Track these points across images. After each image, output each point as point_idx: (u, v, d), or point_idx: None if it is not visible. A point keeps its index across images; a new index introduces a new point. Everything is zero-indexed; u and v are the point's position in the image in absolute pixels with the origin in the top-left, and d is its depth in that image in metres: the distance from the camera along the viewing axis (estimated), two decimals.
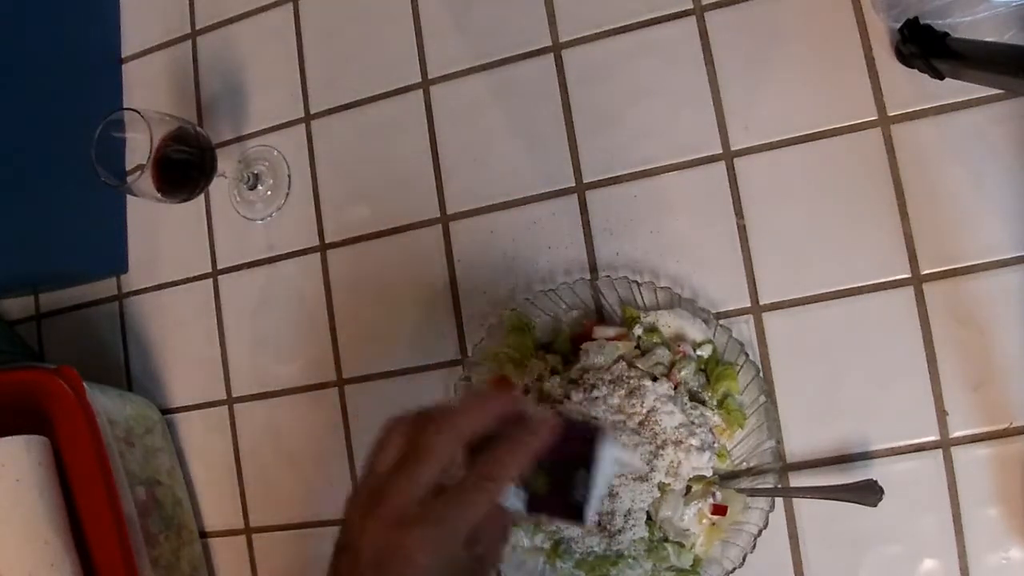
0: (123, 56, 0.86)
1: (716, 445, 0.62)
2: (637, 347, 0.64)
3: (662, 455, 0.59)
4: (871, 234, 0.62)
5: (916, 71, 0.61)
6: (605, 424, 0.59)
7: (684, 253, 0.66)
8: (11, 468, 0.62)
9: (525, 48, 0.72)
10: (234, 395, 0.78)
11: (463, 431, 0.41)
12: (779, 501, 0.61)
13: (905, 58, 0.61)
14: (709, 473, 0.61)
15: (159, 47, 0.85)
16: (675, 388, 0.62)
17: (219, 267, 0.80)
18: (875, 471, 0.60)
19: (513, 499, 0.43)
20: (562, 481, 0.43)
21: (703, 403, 0.62)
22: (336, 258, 0.76)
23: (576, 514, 0.43)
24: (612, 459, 0.44)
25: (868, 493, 0.58)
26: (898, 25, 0.59)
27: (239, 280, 0.79)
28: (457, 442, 0.41)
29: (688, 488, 0.61)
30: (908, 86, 0.62)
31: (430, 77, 0.75)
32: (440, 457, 0.40)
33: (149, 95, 0.84)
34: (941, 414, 0.60)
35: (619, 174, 0.69)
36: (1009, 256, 0.60)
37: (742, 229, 0.65)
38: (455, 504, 0.40)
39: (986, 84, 0.58)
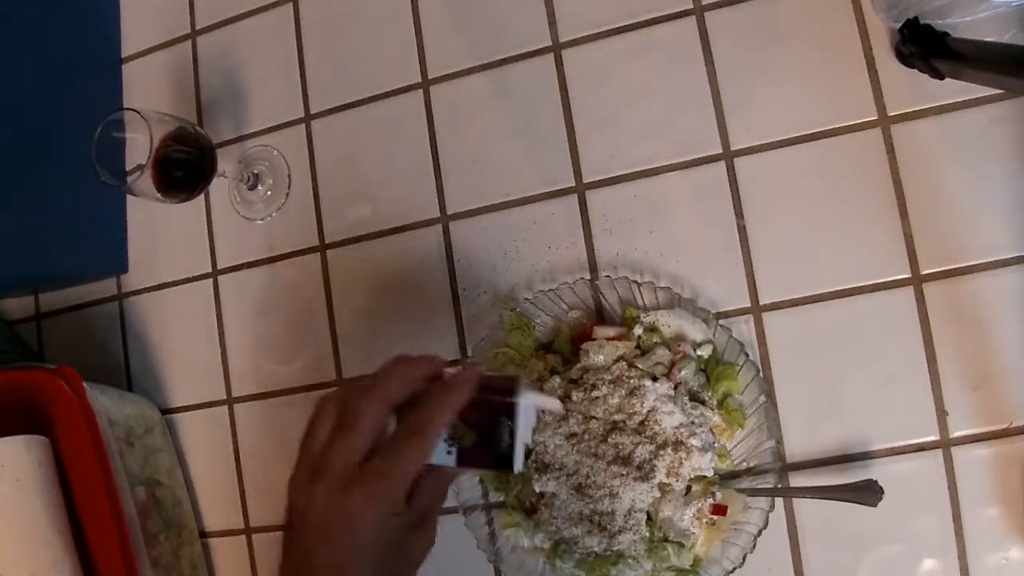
0: (123, 56, 0.86)
1: (716, 445, 0.62)
2: (637, 347, 0.64)
3: (662, 455, 0.59)
4: (871, 234, 0.62)
5: (916, 71, 0.61)
6: (520, 375, 0.60)
7: (684, 253, 0.66)
8: (11, 468, 0.62)
9: (525, 48, 0.72)
10: (234, 395, 0.78)
11: (389, 395, 0.43)
12: (779, 501, 0.61)
13: (905, 58, 0.61)
14: (710, 473, 0.61)
15: (159, 47, 0.85)
16: (675, 388, 0.62)
17: (219, 267, 0.80)
18: (875, 471, 0.60)
19: (444, 456, 0.46)
20: (487, 434, 0.45)
21: (703, 403, 0.62)
22: (336, 258, 0.76)
23: (504, 463, 0.46)
24: (531, 406, 0.46)
25: (868, 493, 0.58)
26: (898, 25, 0.59)
27: (239, 280, 0.79)
28: (384, 405, 0.43)
29: (688, 488, 0.61)
30: (908, 86, 0.62)
31: (430, 77, 0.75)
32: (370, 421, 0.42)
33: (149, 95, 0.84)
34: (941, 414, 0.60)
35: (619, 174, 0.69)
36: (1009, 256, 0.60)
37: (742, 229, 0.65)
38: (390, 461, 0.42)
39: (986, 84, 0.58)
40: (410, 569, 0.47)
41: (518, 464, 0.46)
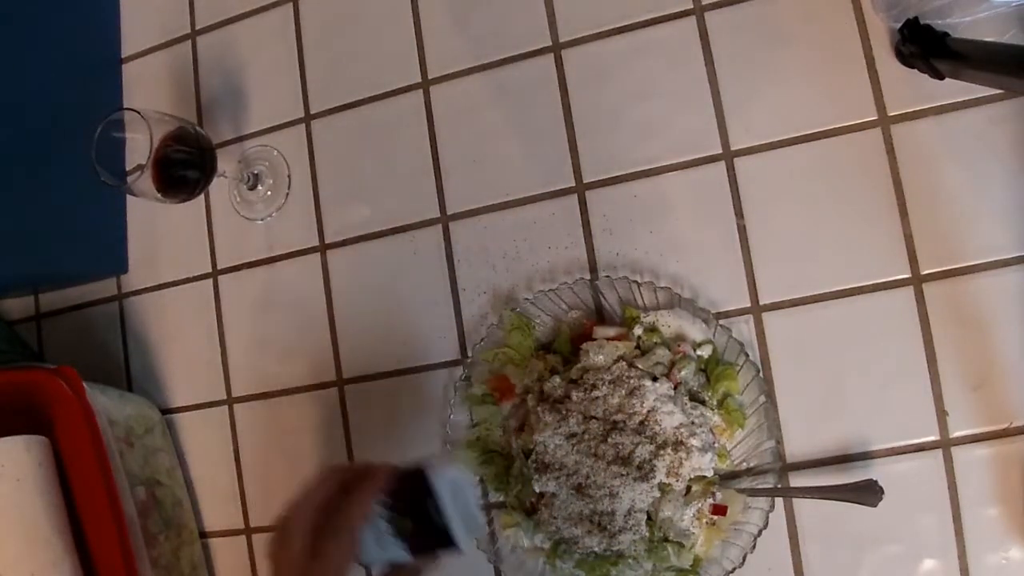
0: (123, 56, 0.86)
1: (716, 445, 0.62)
2: (637, 347, 0.64)
3: (662, 455, 0.59)
4: (871, 234, 0.62)
5: (916, 71, 0.61)
6: (434, 455, 0.64)
7: (684, 253, 0.66)
8: (11, 468, 0.62)
9: (525, 48, 0.72)
10: (234, 395, 0.78)
11: (312, 502, 0.48)
12: (779, 501, 0.61)
13: (905, 58, 0.61)
14: (710, 473, 0.61)
15: (159, 47, 0.85)
16: (675, 388, 0.62)
17: (219, 267, 0.80)
18: (875, 471, 0.60)
19: (397, 551, 0.48)
20: (422, 518, 0.48)
21: (703, 403, 0.62)
22: (336, 258, 0.76)
23: (446, 540, 0.48)
24: (450, 480, 0.48)
25: (868, 493, 0.58)
26: (898, 25, 0.59)
27: (239, 280, 0.79)
28: (309, 511, 0.48)
29: (688, 488, 0.61)
30: (908, 86, 0.62)
31: (430, 77, 0.75)
32: (300, 528, 0.47)
33: (149, 95, 0.84)
34: (941, 414, 0.60)
35: (619, 174, 0.69)
36: (1009, 256, 0.60)
37: (742, 229, 0.65)
38: (320, 560, 0.46)
39: (986, 84, 0.58)
40: None
41: (460, 539, 0.47)
